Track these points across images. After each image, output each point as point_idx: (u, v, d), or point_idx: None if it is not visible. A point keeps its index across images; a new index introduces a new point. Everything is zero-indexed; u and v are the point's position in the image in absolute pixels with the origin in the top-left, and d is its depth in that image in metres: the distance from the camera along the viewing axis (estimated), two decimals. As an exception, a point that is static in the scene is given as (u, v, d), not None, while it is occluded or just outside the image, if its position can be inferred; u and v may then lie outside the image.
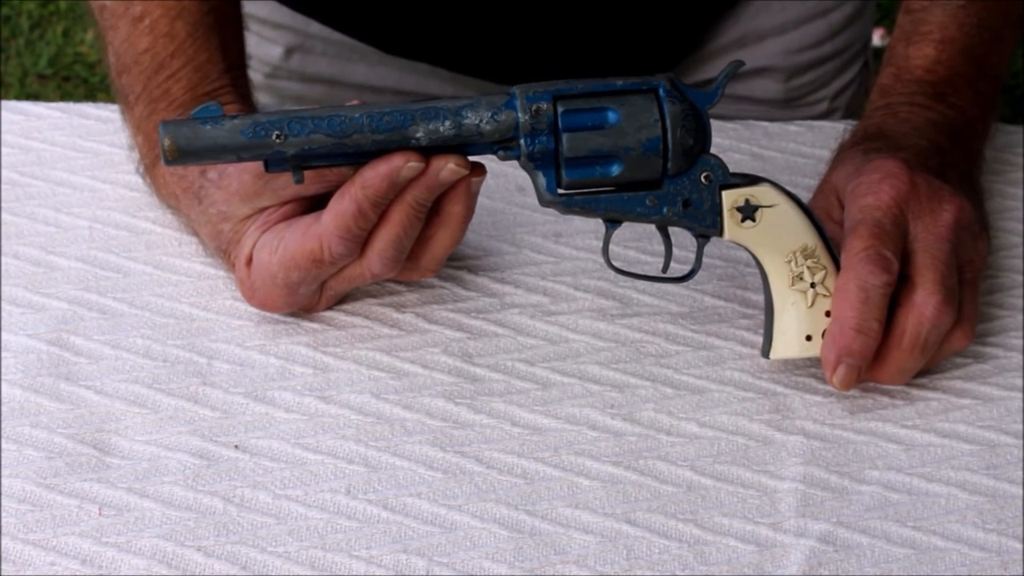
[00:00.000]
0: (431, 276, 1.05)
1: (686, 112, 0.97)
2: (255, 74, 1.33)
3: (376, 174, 0.96)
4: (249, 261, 1.03)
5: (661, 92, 0.97)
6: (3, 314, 1.07)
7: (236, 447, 0.99)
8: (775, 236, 1.00)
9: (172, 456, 0.99)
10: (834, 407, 1.03)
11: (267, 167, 0.97)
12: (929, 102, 1.11)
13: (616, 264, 1.04)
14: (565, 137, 0.96)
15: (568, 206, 0.98)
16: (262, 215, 1.03)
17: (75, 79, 2.60)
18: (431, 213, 1.00)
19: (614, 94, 0.97)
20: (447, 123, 0.96)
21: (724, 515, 0.96)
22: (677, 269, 1.06)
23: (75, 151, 1.20)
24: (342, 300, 1.08)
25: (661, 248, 1.05)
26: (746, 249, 1.01)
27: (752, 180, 1.00)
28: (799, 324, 1.01)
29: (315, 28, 1.36)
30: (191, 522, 0.95)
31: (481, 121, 0.96)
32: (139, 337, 1.06)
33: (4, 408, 1.01)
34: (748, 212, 1.00)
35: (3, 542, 0.93)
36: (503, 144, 0.97)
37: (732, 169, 1.00)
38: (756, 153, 1.21)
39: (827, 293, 1.00)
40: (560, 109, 0.96)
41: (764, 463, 0.99)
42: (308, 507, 0.96)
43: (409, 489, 0.97)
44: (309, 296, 1.05)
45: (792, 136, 1.23)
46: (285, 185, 1.00)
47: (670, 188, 0.99)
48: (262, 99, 1.21)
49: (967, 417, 1.02)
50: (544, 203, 0.98)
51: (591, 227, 1.14)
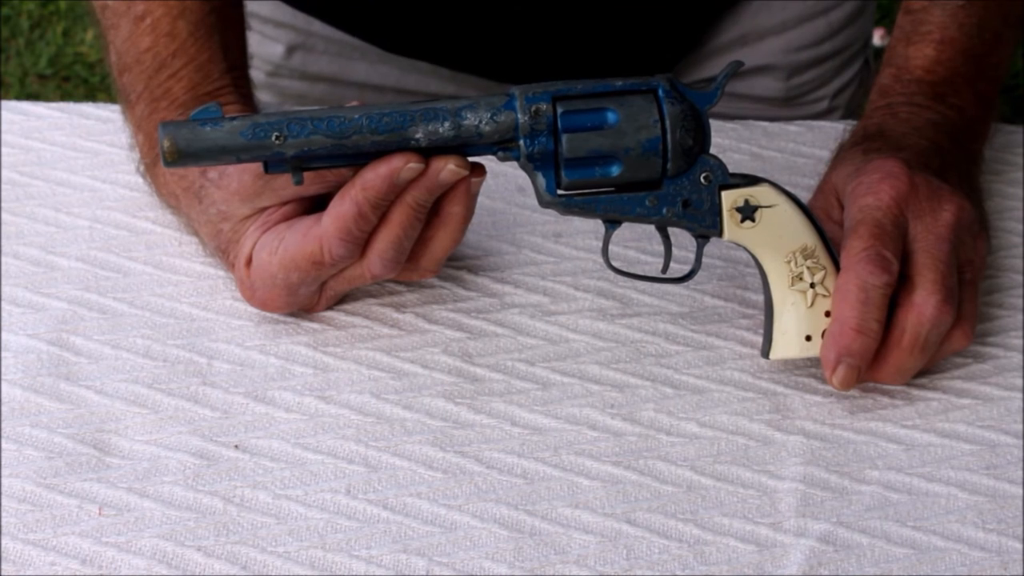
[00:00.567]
0: (431, 276, 1.05)
1: (685, 112, 0.97)
2: (257, 73, 1.33)
3: (376, 175, 0.96)
4: (249, 261, 1.03)
5: (660, 92, 0.97)
6: (3, 314, 1.07)
7: (236, 447, 0.99)
8: (775, 236, 1.00)
9: (172, 456, 0.99)
10: (834, 407, 1.03)
11: (267, 168, 0.97)
12: (929, 102, 1.11)
13: (616, 264, 1.04)
14: (564, 138, 0.96)
15: (567, 207, 0.98)
16: (262, 215, 1.03)
17: (75, 79, 2.60)
18: (431, 214, 1.00)
19: (613, 95, 0.97)
20: (446, 124, 0.96)
21: (724, 515, 0.96)
22: (677, 269, 1.06)
23: (75, 151, 1.20)
24: (342, 300, 1.08)
25: (661, 248, 1.05)
26: (746, 249, 1.01)
27: (751, 180, 1.00)
28: (799, 324, 1.01)
29: (317, 27, 1.36)
30: (191, 522, 0.95)
31: (480, 122, 0.96)
32: (139, 337, 1.06)
33: (4, 408, 1.01)
34: (748, 212, 1.00)
35: (3, 542, 0.94)
36: (502, 145, 0.97)
37: (732, 169, 1.00)
38: (756, 153, 1.21)
39: (827, 293, 1.00)
40: (559, 110, 0.96)
41: (764, 463, 0.99)
42: (308, 507, 0.96)
43: (409, 489, 0.97)
44: (309, 296, 1.05)
45: (792, 136, 1.23)
46: (285, 185, 1.00)
47: (670, 188, 0.99)
48: (264, 97, 1.21)
49: (967, 417, 1.02)
50: (543, 204, 0.98)
51: (591, 227, 1.14)
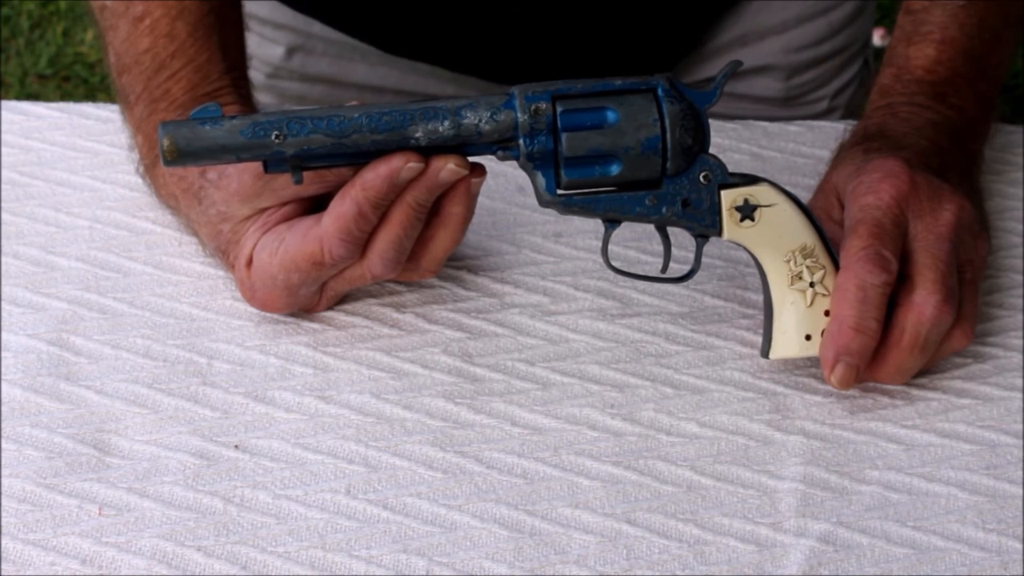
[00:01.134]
0: (431, 276, 1.05)
1: (685, 112, 0.97)
2: (256, 74, 1.33)
3: (376, 175, 0.96)
4: (249, 262, 1.03)
5: (660, 92, 0.97)
6: (3, 314, 1.07)
7: (236, 447, 0.99)
8: (774, 235, 1.00)
9: (172, 456, 0.99)
10: (834, 407, 1.03)
11: (266, 168, 0.97)
12: (929, 102, 1.11)
13: (615, 264, 1.04)
14: (564, 137, 0.96)
15: (567, 206, 0.98)
16: (262, 216, 1.03)
17: (75, 79, 2.60)
18: (431, 214, 1.00)
19: (613, 94, 0.97)
20: (446, 123, 0.96)
21: (724, 515, 0.96)
22: (676, 269, 1.06)
23: (75, 151, 1.20)
24: (342, 300, 1.08)
25: (661, 248, 1.05)
26: (745, 249, 1.01)
27: (751, 180, 1.00)
28: (798, 323, 1.01)
29: (316, 28, 1.36)
30: (191, 522, 0.95)
31: (480, 121, 0.96)
32: (139, 337, 1.06)
33: (4, 408, 1.01)
34: (747, 212, 1.00)
35: (3, 542, 0.94)
36: (502, 144, 0.97)
37: (731, 169, 1.00)
38: (756, 153, 1.21)
39: (826, 292, 1.00)
40: (559, 109, 0.96)
41: (764, 463, 0.99)
42: (308, 507, 0.96)
43: (409, 489, 0.97)
44: (309, 297, 1.05)
45: (792, 136, 1.23)
46: (284, 186, 1.00)
47: (669, 188, 0.99)
48: (263, 99, 1.21)
49: (967, 417, 1.02)
50: (543, 203, 0.98)
51: (591, 227, 1.14)
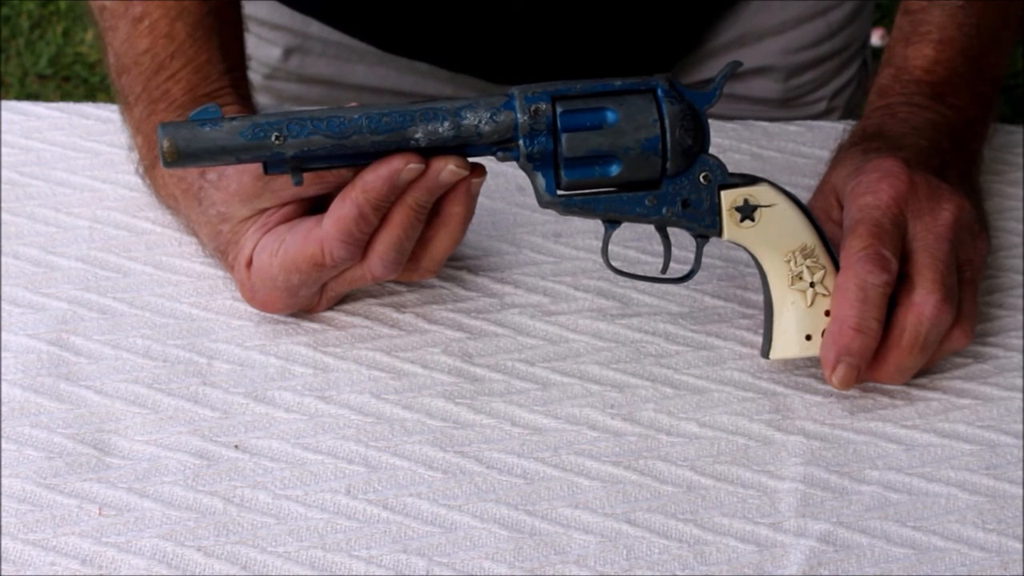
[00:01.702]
0: (431, 277, 1.05)
1: (684, 112, 0.97)
2: (254, 75, 1.33)
3: (376, 177, 0.96)
4: (249, 263, 1.03)
5: (659, 92, 0.97)
6: (3, 314, 1.07)
7: (236, 447, 0.99)
8: (774, 236, 1.00)
9: (172, 456, 0.99)
10: (834, 407, 1.03)
11: (266, 169, 0.97)
12: (928, 102, 1.11)
13: (616, 264, 1.04)
14: (564, 137, 0.96)
15: (567, 207, 0.98)
16: (261, 217, 1.03)
17: (75, 79, 2.60)
18: (431, 214, 1.00)
19: (612, 94, 0.97)
20: (446, 124, 0.96)
21: (724, 515, 0.96)
22: (677, 269, 1.06)
23: (75, 151, 1.20)
24: (342, 300, 1.08)
25: (661, 248, 1.05)
26: (745, 249, 1.01)
27: (751, 180, 1.00)
28: (798, 324, 1.01)
29: (314, 29, 1.36)
30: (191, 522, 0.95)
31: (480, 122, 0.96)
32: (139, 337, 1.06)
33: (4, 408, 1.01)
34: (747, 212, 1.00)
35: (3, 542, 0.94)
36: (502, 145, 0.97)
37: (731, 169, 1.00)
38: (756, 153, 1.21)
39: (826, 292, 1.00)
40: (559, 109, 0.96)
41: (764, 463, 0.99)
42: (308, 507, 0.96)
43: (409, 489, 0.97)
44: (310, 298, 1.05)
45: (792, 136, 1.23)
46: (284, 186, 1.00)
47: (669, 188, 0.99)
48: (261, 100, 1.21)
49: (967, 417, 1.02)
50: (543, 204, 0.98)
51: (591, 227, 1.14)
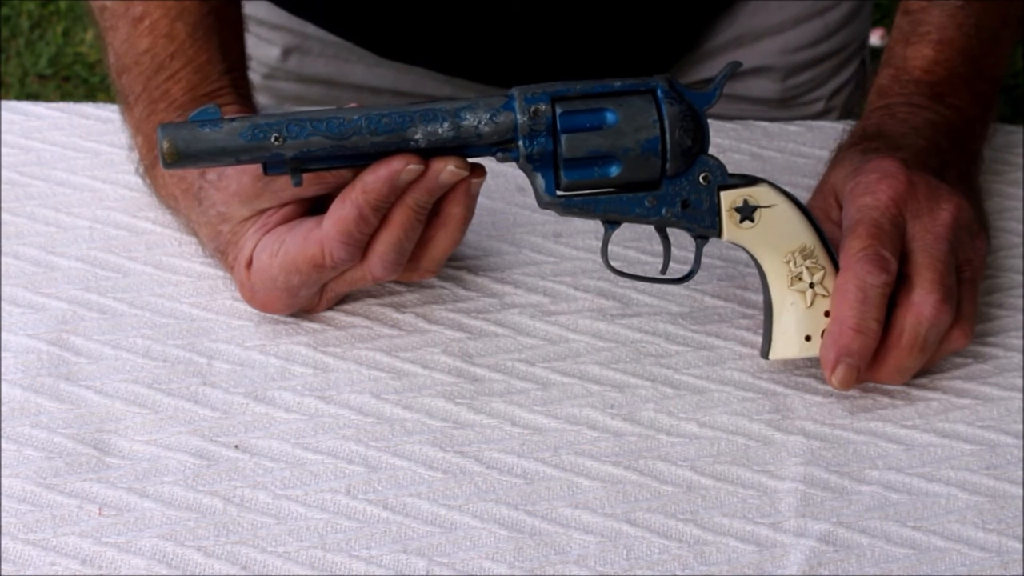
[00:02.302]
0: (431, 277, 1.05)
1: (684, 113, 0.97)
2: (253, 75, 1.33)
3: (376, 178, 0.96)
4: (249, 263, 1.03)
5: (659, 93, 0.97)
6: (3, 314, 1.07)
7: (236, 447, 0.99)
8: (774, 236, 1.00)
9: (172, 456, 0.99)
10: (834, 407, 1.03)
11: (266, 170, 0.97)
12: (927, 103, 1.11)
13: (615, 264, 1.04)
14: (563, 138, 0.96)
15: (567, 207, 0.98)
16: (261, 217, 1.03)
17: (75, 79, 2.60)
18: (431, 214, 1.00)
19: (612, 95, 0.97)
20: (445, 125, 0.96)
21: (724, 515, 0.96)
22: (676, 270, 1.06)
23: (75, 151, 1.20)
24: (342, 300, 1.08)
25: (660, 248, 1.05)
26: (744, 250, 1.01)
27: (750, 180, 1.00)
28: (798, 324, 1.01)
29: (312, 29, 1.36)
30: (191, 522, 0.95)
31: (479, 123, 0.96)
32: (139, 337, 1.06)
33: (4, 408, 1.01)
34: (747, 212, 1.00)
35: (3, 542, 0.94)
36: (502, 146, 0.97)
37: (731, 169, 1.00)
38: (755, 153, 1.21)
39: (826, 293, 1.00)
40: (558, 110, 0.96)
41: (764, 463, 0.99)
42: (308, 507, 0.96)
43: (409, 489, 0.97)
44: (310, 298, 1.05)
45: (791, 136, 1.23)
46: (284, 187, 1.00)
47: (669, 189, 0.99)
48: (260, 100, 1.21)
49: (967, 417, 1.02)
50: (543, 205, 0.98)
51: (591, 227, 1.14)
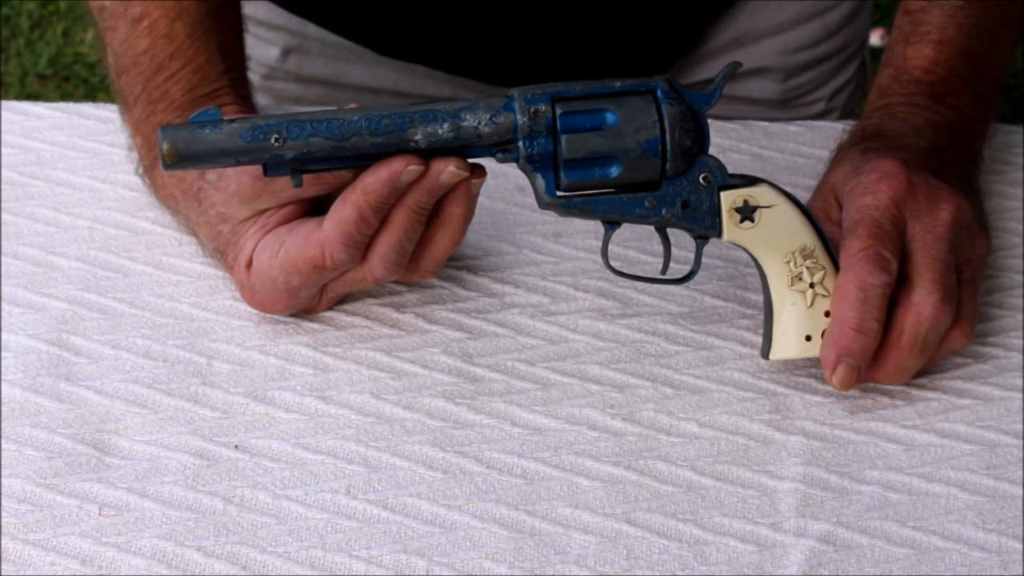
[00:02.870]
0: (431, 277, 1.05)
1: (684, 113, 0.97)
2: (252, 75, 1.33)
3: (377, 179, 0.96)
4: (249, 264, 1.03)
5: (659, 93, 0.97)
6: (3, 314, 1.07)
7: (236, 447, 0.99)
8: (774, 236, 1.00)
9: (172, 456, 0.99)
10: (834, 407, 1.03)
11: (266, 171, 0.97)
12: (927, 102, 1.11)
13: (615, 264, 1.04)
14: (563, 139, 0.96)
15: (567, 208, 0.98)
16: (261, 217, 1.03)
17: (75, 79, 2.60)
18: (431, 215, 1.00)
19: (612, 95, 0.97)
20: (445, 125, 0.96)
21: (724, 515, 0.96)
22: (677, 270, 1.06)
23: (75, 151, 1.20)
24: (342, 300, 1.08)
25: (661, 248, 1.05)
26: (745, 250, 1.01)
27: (750, 181, 1.00)
28: (798, 324, 1.01)
29: (312, 29, 1.36)
30: (191, 522, 0.95)
31: (479, 123, 0.96)
32: (139, 337, 1.06)
33: (4, 408, 1.01)
34: (747, 213, 1.00)
35: (3, 542, 0.94)
36: (501, 146, 0.97)
37: (731, 169, 1.00)
38: (755, 153, 1.21)
39: (826, 293, 1.00)
40: (558, 111, 0.96)
41: (764, 463, 1.00)
42: (308, 507, 0.96)
43: (409, 489, 0.97)
44: (310, 299, 1.05)
45: (791, 136, 1.23)
46: (284, 187, 1.00)
47: (669, 189, 0.99)
48: (260, 100, 1.21)
49: (967, 417, 1.03)
50: (543, 205, 0.98)
51: (591, 227, 1.14)
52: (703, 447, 1.00)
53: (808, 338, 1.01)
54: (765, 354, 1.02)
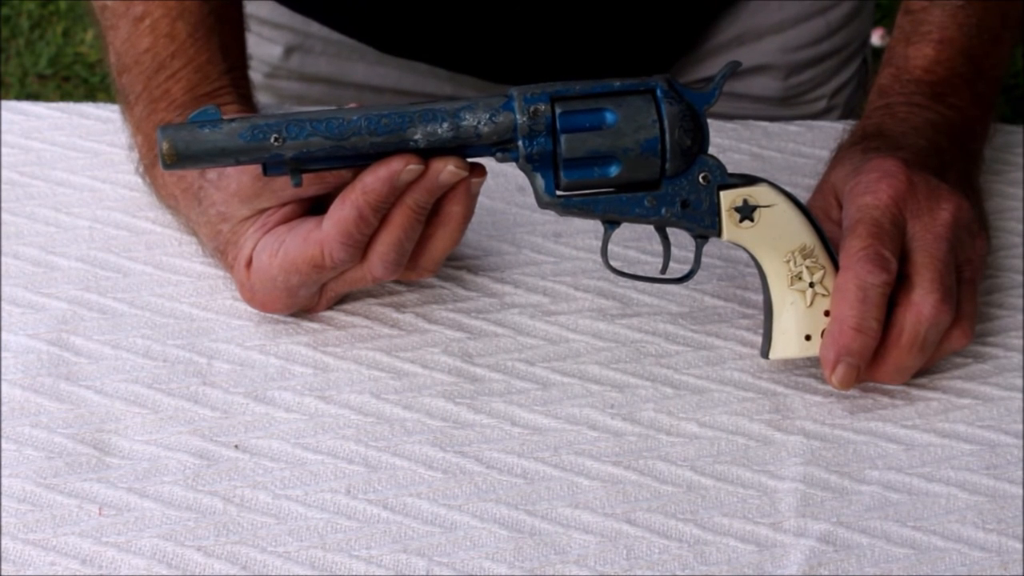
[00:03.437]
0: (430, 276, 1.05)
1: (684, 113, 0.97)
2: (255, 74, 1.33)
3: (376, 178, 0.96)
4: (249, 263, 1.03)
5: (659, 93, 0.97)
6: (3, 314, 1.07)
7: (236, 447, 0.99)
8: (773, 236, 1.00)
9: (172, 456, 0.99)
10: (834, 407, 1.03)
11: (266, 170, 0.97)
12: (928, 102, 1.11)
13: (615, 264, 1.04)
14: (563, 138, 0.96)
15: (567, 207, 0.98)
16: (261, 217, 1.03)
17: (75, 79, 2.60)
18: (431, 214, 1.00)
19: (612, 95, 0.97)
20: (445, 125, 0.96)
21: (724, 515, 0.96)
22: (676, 269, 1.06)
23: (75, 151, 1.20)
24: (342, 300, 1.08)
25: (660, 248, 1.05)
26: (744, 249, 1.01)
27: (750, 180, 1.00)
28: (798, 324, 1.01)
29: (314, 28, 1.36)
30: (191, 522, 0.95)
31: (479, 123, 0.96)
32: (139, 337, 1.06)
33: (4, 408, 1.01)
34: (746, 212, 1.00)
35: (3, 542, 0.94)
36: (501, 146, 0.97)
37: (731, 169, 1.00)
38: (755, 153, 1.21)
39: (826, 293, 1.00)
40: (558, 110, 0.96)
41: (764, 463, 0.99)
42: (308, 507, 0.96)
43: (409, 489, 0.97)
44: (309, 298, 1.05)
45: (791, 136, 1.23)
46: (284, 186, 1.01)
47: (668, 189, 0.99)
48: (262, 99, 1.21)
49: (967, 417, 1.02)
50: (543, 205, 0.98)
51: (591, 227, 1.14)
52: (703, 447, 1.00)
53: (808, 337, 1.01)
54: (765, 354, 1.02)
